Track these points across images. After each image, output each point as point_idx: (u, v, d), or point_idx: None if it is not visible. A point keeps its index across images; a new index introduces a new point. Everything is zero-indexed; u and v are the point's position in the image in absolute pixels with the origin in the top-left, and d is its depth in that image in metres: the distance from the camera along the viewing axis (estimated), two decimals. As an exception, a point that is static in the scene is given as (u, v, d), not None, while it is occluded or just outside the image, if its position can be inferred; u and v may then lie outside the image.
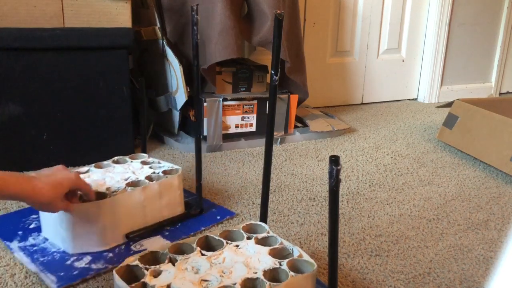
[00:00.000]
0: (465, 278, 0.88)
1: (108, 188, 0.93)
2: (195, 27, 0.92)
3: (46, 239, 0.94)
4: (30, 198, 0.76)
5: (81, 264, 0.86)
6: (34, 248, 0.91)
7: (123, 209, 0.91)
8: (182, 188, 1.03)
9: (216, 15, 1.41)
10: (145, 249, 0.87)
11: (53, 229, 0.91)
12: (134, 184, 0.96)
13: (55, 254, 0.89)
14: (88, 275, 0.82)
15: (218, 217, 1.05)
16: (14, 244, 0.92)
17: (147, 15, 1.55)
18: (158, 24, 1.48)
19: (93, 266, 0.85)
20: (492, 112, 1.47)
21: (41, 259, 0.87)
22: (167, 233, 0.97)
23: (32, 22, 1.23)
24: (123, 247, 0.92)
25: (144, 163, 1.07)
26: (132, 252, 0.90)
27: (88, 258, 0.87)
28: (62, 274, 0.82)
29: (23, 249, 0.90)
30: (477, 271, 0.90)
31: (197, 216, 1.05)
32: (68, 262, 0.86)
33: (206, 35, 1.46)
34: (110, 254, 0.89)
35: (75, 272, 0.83)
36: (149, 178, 0.99)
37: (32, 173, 0.79)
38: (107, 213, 0.89)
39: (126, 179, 0.97)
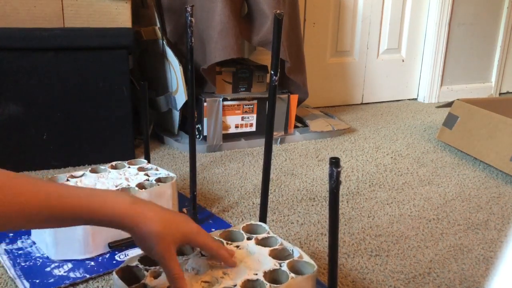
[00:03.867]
0: (465, 278, 0.88)
1: None
2: (189, 30, 0.90)
3: (34, 243, 0.92)
4: (130, 223, 0.58)
5: (60, 271, 0.84)
6: (20, 252, 0.89)
7: None
8: (177, 197, 0.99)
9: (216, 15, 1.41)
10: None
11: (39, 233, 0.89)
12: (122, 191, 0.92)
13: (38, 259, 0.87)
14: (63, 284, 0.81)
15: (213, 230, 1.01)
16: (1, 247, 0.91)
17: (147, 15, 1.55)
18: (158, 24, 1.48)
19: (71, 274, 0.83)
20: (492, 112, 1.47)
21: (23, 264, 0.86)
22: None
23: (32, 22, 1.23)
24: (107, 256, 0.89)
25: (141, 169, 1.03)
26: (115, 261, 0.87)
27: (68, 266, 0.85)
28: (37, 281, 0.81)
29: (9, 252, 0.89)
30: (477, 271, 0.90)
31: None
32: (48, 268, 0.84)
33: (206, 35, 1.45)
34: (92, 263, 0.87)
35: (50, 280, 0.81)
36: (141, 185, 0.95)
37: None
38: None
39: (117, 186, 0.94)
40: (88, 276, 0.83)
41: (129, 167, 1.04)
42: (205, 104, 1.47)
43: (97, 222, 0.59)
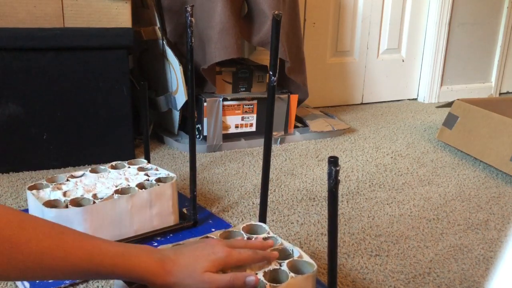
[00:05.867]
0: (465, 278, 0.88)
1: (95, 195, 0.89)
2: (189, 30, 0.90)
3: None
4: (159, 282, 0.62)
5: None
6: None
7: (108, 216, 0.88)
8: (177, 197, 0.98)
9: (216, 15, 1.41)
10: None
11: None
12: (122, 191, 0.92)
13: None
14: (63, 284, 0.80)
15: (213, 230, 0.99)
16: None
17: (147, 15, 1.55)
18: (158, 24, 1.48)
19: None
20: (492, 112, 1.47)
21: None
22: (155, 244, 0.93)
23: (32, 22, 1.23)
24: None
25: (140, 169, 1.02)
26: None
27: None
28: (37, 281, 0.80)
29: None
30: (477, 271, 0.90)
31: (191, 229, 1.01)
32: None
33: (206, 35, 1.45)
34: None
35: (50, 280, 0.80)
36: (141, 185, 0.95)
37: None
38: (90, 220, 0.85)
39: (117, 186, 0.94)
40: None
41: (129, 167, 1.04)
42: (205, 104, 1.47)
43: (129, 279, 0.63)
